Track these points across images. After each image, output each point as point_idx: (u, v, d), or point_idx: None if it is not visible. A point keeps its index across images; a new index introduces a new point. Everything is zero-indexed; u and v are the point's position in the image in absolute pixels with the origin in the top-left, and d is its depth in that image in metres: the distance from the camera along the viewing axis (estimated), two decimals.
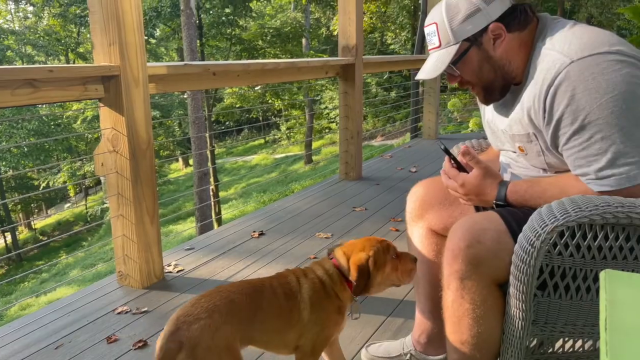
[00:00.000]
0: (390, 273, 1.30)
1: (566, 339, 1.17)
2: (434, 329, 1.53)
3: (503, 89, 1.26)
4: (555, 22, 1.20)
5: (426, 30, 1.28)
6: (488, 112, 1.39)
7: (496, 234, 1.10)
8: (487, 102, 1.32)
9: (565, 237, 1.03)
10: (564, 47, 1.10)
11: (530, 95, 1.15)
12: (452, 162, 1.31)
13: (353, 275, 1.25)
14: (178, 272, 2.41)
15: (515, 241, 1.07)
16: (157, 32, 18.49)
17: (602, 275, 0.75)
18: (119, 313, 2.02)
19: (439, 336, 1.49)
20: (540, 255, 1.02)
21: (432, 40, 1.25)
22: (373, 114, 16.81)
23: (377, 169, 4.51)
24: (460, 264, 1.11)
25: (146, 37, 17.98)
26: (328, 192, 3.79)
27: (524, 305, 1.08)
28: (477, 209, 1.45)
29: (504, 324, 1.15)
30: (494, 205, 1.23)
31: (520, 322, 1.10)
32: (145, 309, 2.05)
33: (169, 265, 2.46)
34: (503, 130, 1.29)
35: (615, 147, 1.04)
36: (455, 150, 1.53)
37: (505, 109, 1.28)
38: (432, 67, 1.25)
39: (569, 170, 1.16)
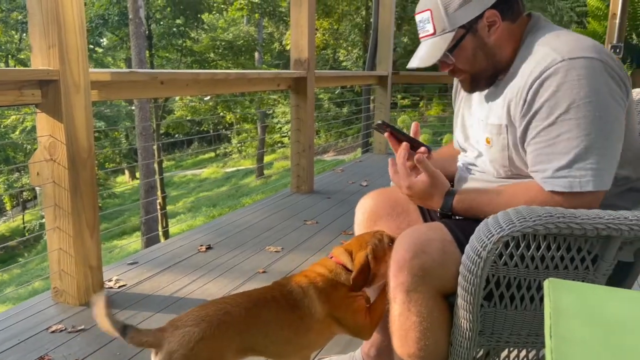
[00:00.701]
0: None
1: (511, 348, 1.18)
2: (384, 342, 1.51)
3: (490, 78, 1.26)
4: (547, 22, 1.23)
5: (418, 17, 1.26)
6: (465, 104, 1.39)
7: (442, 244, 1.10)
8: (471, 91, 1.31)
9: (510, 247, 1.05)
10: (557, 45, 1.11)
11: (515, 86, 1.16)
12: (395, 136, 1.30)
13: (353, 275, 1.27)
14: (119, 287, 2.30)
15: (462, 251, 1.07)
16: (104, 41, 17.98)
17: (546, 284, 0.76)
18: (52, 332, 1.90)
19: (388, 348, 1.48)
20: (486, 265, 1.02)
21: (425, 28, 1.23)
22: (325, 129, 16.93)
23: (328, 183, 4.51)
24: (406, 276, 1.10)
25: (92, 46, 17.46)
26: (279, 206, 3.75)
27: (471, 316, 1.08)
28: (424, 217, 1.46)
29: (451, 335, 1.15)
30: (439, 214, 1.23)
31: (467, 333, 1.11)
32: (82, 327, 1.93)
33: (109, 280, 2.35)
34: (479, 119, 1.28)
35: (578, 150, 1.06)
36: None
37: (487, 98, 1.28)
38: (427, 54, 1.23)
39: (523, 177, 1.18)
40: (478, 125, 1.30)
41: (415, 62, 1.26)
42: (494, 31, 1.20)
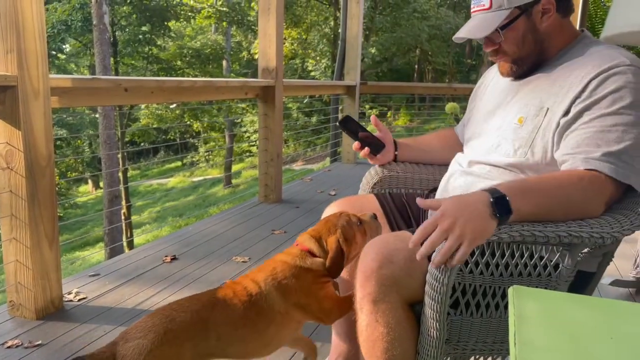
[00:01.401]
0: (361, 241, 1.30)
1: (477, 356, 1.19)
2: (351, 351, 1.50)
3: (532, 65, 1.27)
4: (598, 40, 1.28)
5: None
6: (492, 91, 1.40)
7: (409, 253, 1.10)
8: (509, 75, 1.31)
9: (476, 255, 1.06)
10: (624, 52, 1.16)
11: (573, 75, 1.17)
12: (352, 135, 1.31)
13: (328, 263, 1.25)
14: (79, 300, 2.22)
15: (429, 260, 1.07)
16: (67, 47, 17.57)
17: (511, 291, 0.76)
18: (8, 347, 1.81)
19: (355, 358, 1.47)
20: (453, 273, 1.03)
21: (480, 2, 1.23)
22: (294, 138, 16.94)
23: (297, 192, 4.50)
24: (373, 286, 1.09)
25: (55, 52, 17.04)
26: (246, 215, 3.71)
27: (437, 324, 1.09)
28: (391, 226, 1.46)
29: (418, 344, 1.15)
30: (493, 205, 1.00)
31: (434, 342, 1.11)
32: (40, 342, 1.85)
33: (69, 293, 2.27)
34: (514, 101, 1.28)
35: (630, 143, 1.08)
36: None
37: (529, 83, 1.28)
38: (478, 27, 1.23)
39: (526, 167, 1.20)
40: (511, 106, 1.29)
41: (463, 32, 1.26)
42: (547, 19, 1.23)
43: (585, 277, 1.21)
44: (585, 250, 1.12)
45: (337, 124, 1.35)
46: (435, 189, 1.48)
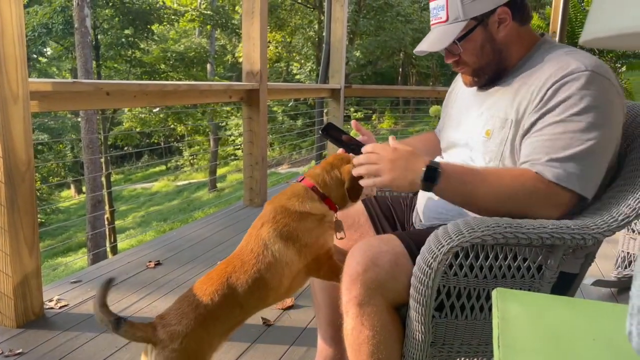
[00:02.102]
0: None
1: (462, 358, 1.19)
2: (337, 356, 1.50)
3: (493, 74, 1.28)
4: (559, 44, 1.29)
5: (432, 4, 1.27)
6: (461, 102, 1.41)
7: (394, 257, 1.10)
8: (471, 85, 1.33)
9: (460, 257, 1.06)
10: (581, 58, 1.15)
11: (531, 85, 1.18)
12: (336, 142, 1.31)
13: (347, 186, 1.26)
14: (61, 307, 2.18)
15: (414, 263, 1.08)
16: (48, 51, 17.34)
17: (494, 293, 0.77)
18: None
19: None
20: (437, 276, 1.03)
21: (438, 14, 1.25)
22: (279, 141, 16.92)
23: None
24: (358, 289, 1.09)
25: (35, 56, 16.81)
26: (232, 219, 3.69)
27: (422, 327, 1.09)
28: (377, 229, 1.46)
29: (403, 347, 1.15)
30: (423, 172, 1.11)
31: (419, 344, 1.11)
32: (20, 350, 1.82)
33: (50, 300, 2.22)
34: (480, 113, 1.29)
35: (577, 150, 1.09)
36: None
37: (493, 94, 1.29)
38: (436, 40, 1.24)
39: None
40: (477, 119, 1.30)
41: (423, 45, 1.27)
42: (504, 28, 1.24)
43: (567, 279, 1.22)
44: (568, 251, 1.13)
45: (319, 132, 1.35)
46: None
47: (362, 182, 1.18)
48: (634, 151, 1.24)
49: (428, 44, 1.26)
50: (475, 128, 1.29)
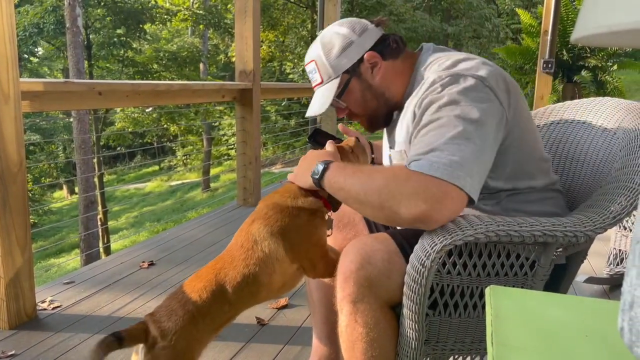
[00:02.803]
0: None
1: (456, 356, 1.20)
2: (332, 354, 1.50)
3: (387, 116, 1.31)
4: (436, 50, 1.28)
5: (307, 69, 1.31)
6: (384, 141, 1.43)
7: (387, 255, 1.10)
8: (372, 130, 1.36)
9: (453, 256, 1.06)
10: (436, 69, 1.17)
11: (409, 114, 1.19)
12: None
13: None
14: (54, 309, 2.17)
15: (407, 261, 1.08)
16: (40, 50, 17.22)
17: (488, 291, 0.77)
18: None
19: None
20: (431, 274, 1.03)
21: (314, 78, 1.29)
22: (273, 141, 16.90)
23: None
24: (352, 287, 1.09)
25: (27, 55, 16.69)
26: (225, 219, 3.68)
27: (416, 325, 1.09)
28: (370, 228, 1.46)
29: (397, 345, 1.15)
30: (315, 167, 1.15)
31: (413, 343, 1.11)
32: (12, 352, 1.81)
33: (43, 301, 2.21)
34: (388, 155, 1.32)
35: (436, 144, 1.02)
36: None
37: (391, 131, 1.33)
38: (319, 102, 1.27)
39: None
40: (387, 160, 1.35)
41: (310, 111, 1.30)
42: (378, 71, 1.26)
43: (559, 275, 1.23)
44: (560, 249, 1.14)
45: (307, 140, 1.37)
46: None
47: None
48: (623, 149, 1.25)
49: (314, 109, 1.29)
50: (392, 161, 1.33)
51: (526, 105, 1.23)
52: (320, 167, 1.14)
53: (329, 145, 1.26)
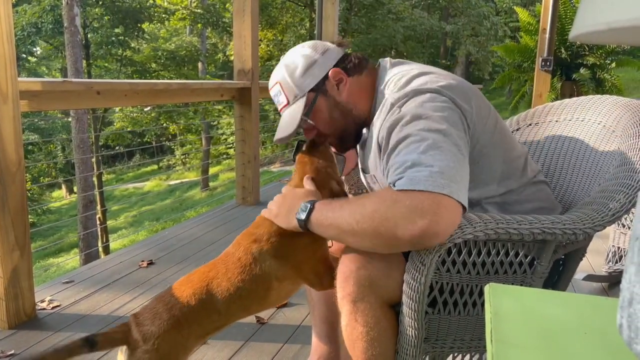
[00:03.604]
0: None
1: (455, 354, 1.20)
2: (331, 353, 1.50)
3: (356, 133, 1.29)
4: (393, 65, 1.26)
5: (271, 93, 1.29)
6: (359, 163, 1.41)
7: (387, 254, 1.10)
8: (343, 150, 1.34)
9: (452, 253, 1.07)
10: (392, 90, 1.17)
11: (373, 139, 1.18)
12: None
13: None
14: (53, 308, 2.17)
15: (407, 260, 1.08)
16: (38, 50, 17.19)
17: (487, 289, 0.77)
18: None
19: (336, 359, 1.47)
20: (430, 272, 1.04)
21: (279, 101, 1.27)
22: (271, 140, 16.88)
23: (274, 194, 4.42)
24: (352, 286, 1.09)
25: (25, 55, 16.66)
26: (224, 218, 3.68)
27: (416, 323, 1.09)
28: None
29: (397, 343, 1.15)
30: (300, 209, 1.12)
31: (413, 341, 1.11)
32: (12, 352, 1.81)
33: (42, 301, 2.21)
34: (370, 176, 1.29)
35: (409, 163, 1.01)
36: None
37: (362, 152, 1.32)
38: (287, 124, 1.24)
39: None
40: (364, 181, 1.35)
41: (279, 133, 1.27)
42: (344, 87, 1.24)
43: (558, 272, 1.23)
44: (559, 246, 1.14)
45: (292, 158, 1.35)
46: None
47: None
48: (622, 147, 1.25)
49: (281, 130, 1.26)
50: (366, 184, 1.34)
51: (491, 108, 1.21)
52: (305, 209, 1.10)
53: (308, 184, 1.22)
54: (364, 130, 1.29)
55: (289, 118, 1.24)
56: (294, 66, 1.24)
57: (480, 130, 1.15)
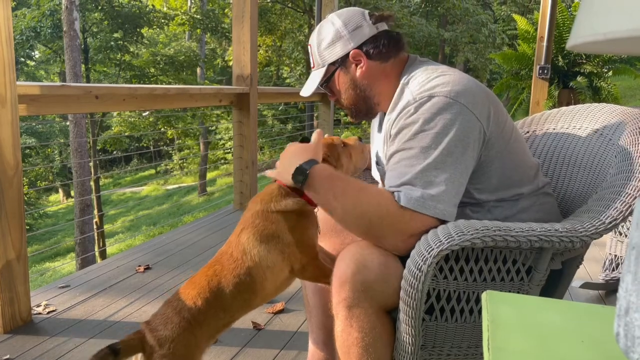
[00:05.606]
0: (347, 163, 1.36)
1: None
2: (327, 359, 1.49)
3: (367, 111, 1.36)
4: (420, 63, 1.31)
5: (308, 48, 1.39)
6: (371, 138, 1.49)
7: (384, 259, 1.10)
8: (356, 120, 1.41)
9: (450, 260, 1.07)
10: (413, 87, 1.20)
11: (389, 124, 1.23)
12: None
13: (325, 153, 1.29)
14: (49, 313, 2.16)
15: (404, 266, 1.08)
16: (37, 54, 17.19)
17: (484, 296, 0.77)
18: None
19: None
20: (427, 279, 1.03)
21: (311, 60, 1.37)
22: (269, 145, 16.89)
23: None
24: (347, 292, 1.09)
25: (23, 59, 16.67)
26: (222, 223, 3.68)
27: (413, 330, 1.09)
28: None
29: (394, 350, 1.15)
30: (296, 169, 1.18)
31: (409, 348, 1.11)
32: (7, 356, 1.79)
33: (38, 305, 2.20)
34: (375, 154, 1.39)
35: (409, 176, 1.09)
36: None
37: (376, 133, 1.41)
38: (309, 84, 1.37)
39: None
40: (374, 156, 1.42)
41: (303, 91, 1.40)
42: (360, 69, 1.31)
43: (555, 280, 1.23)
44: (557, 254, 1.14)
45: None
46: None
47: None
48: (619, 155, 1.26)
49: (305, 88, 1.38)
50: (375, 169, 1.42)
51: (508, 116, 1.25)
52: (300, 172, 1.17)
53: (315, 136, 1.26)
54: (379, 115, 1.39)
55: (311, 81, 1.36)
56: (322, 37, 1.32)
57: (497, 136, 1.18)
